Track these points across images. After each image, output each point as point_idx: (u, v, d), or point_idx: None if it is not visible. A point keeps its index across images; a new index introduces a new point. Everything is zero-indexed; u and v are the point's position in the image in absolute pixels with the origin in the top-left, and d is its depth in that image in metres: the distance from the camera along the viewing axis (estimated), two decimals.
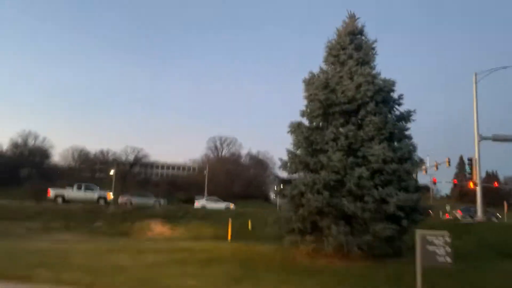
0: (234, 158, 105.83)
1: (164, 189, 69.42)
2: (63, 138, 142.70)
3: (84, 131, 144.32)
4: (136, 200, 36.00)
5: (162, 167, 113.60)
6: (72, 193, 30.60)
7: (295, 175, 13.42)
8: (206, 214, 26.16)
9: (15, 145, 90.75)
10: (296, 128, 13.13)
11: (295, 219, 12.48)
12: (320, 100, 12.51)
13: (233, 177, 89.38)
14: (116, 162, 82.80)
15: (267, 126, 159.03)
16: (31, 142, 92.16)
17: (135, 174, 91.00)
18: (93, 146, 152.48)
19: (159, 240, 19.09)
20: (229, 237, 20.79)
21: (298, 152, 13.09)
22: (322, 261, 11.83)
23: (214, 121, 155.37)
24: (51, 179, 63.38)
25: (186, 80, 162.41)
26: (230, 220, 21.13)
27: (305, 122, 13.63)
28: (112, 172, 69.92)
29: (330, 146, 12.18)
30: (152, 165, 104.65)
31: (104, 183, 76.19)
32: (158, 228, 22.56)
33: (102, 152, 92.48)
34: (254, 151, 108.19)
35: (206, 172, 77.66)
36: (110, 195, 31.60)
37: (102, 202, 29.85)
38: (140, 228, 22.34)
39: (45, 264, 9.94)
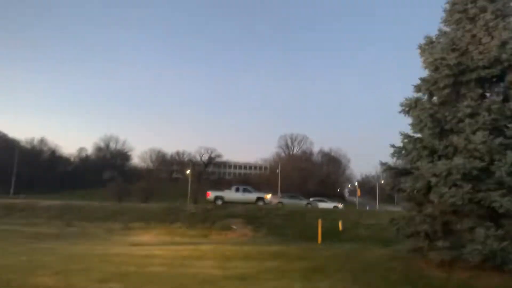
0: (306, 156, 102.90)
1: None
2: (141, 141, 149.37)
3: (161, 134, 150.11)
4: (287, 201, 35.34)
5: (235, 166, 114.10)
6: (231, 194, 30.87)
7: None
8: (289, 214, 23.98)
9: (98, 149, 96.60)
10: (414, 105, 10.38)
11: (419, 219, 9.79)
12: (450, 65, 9.63)
13: (306, 175, 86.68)
14: (192, 163, 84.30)
15: (339, 123, 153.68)
16: (112, 145, 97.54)
17: (209, 174, 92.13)
18: (170, 147, 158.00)
19: (244, 243, 17.24)
20: (319, 240, 18.46)
21: (420, 134, 10.33)
22: (462, 274, 9.01)
23: (284, 119, 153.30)
24: (131, 180, 65.54)
25: (253, 80, 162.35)
26: (320, 221, 18.75)
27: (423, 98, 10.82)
28: (188, 172, 70.89)
29: (467, 124, 9.25)
30: (225, 165, 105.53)
31: (181, 183, 77.77)
32: (240, 229, 20.81)
33: (178, 153, 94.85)
34: (326, 148, 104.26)
35: (278, 170, 75.92)
36: (268, 196, 31.16)
37: (261, 203, 29.24)
38: (221, 229, 20.74)
39: (120, 275, 8.33)
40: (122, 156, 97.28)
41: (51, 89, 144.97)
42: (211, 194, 31.47)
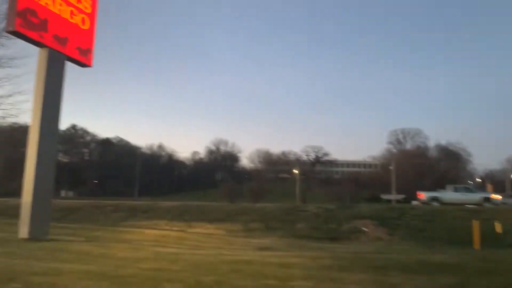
0: (421, 151, 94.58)
1: (348, 188, 65.01)
2: (249, 142, 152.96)
3: (267, 134, 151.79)
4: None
5: (342, 165, 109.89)
6: (449, 195, 28.72)
7: None
8: (427, 214, 20.59)
9: (210, 152, 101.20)
10: None
11: None
12: None
13: (422, 171, 79.41)
14: (299, 162, 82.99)
15: (456, 116, 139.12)
16: (222, 148, 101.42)
17: (317, 173, 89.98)
18: (276, 147, 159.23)
19: (385, 249, 14.69)
20: (476, 245, 15.12)
21: None
22: None
23: (393, 114, 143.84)
24: (241, 181, 66.48)
25: (357, 75, 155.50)
26: (475, 223, 15.36)
27: None
28: (295, 172, 69.72)
29: None
30: (332, 164, 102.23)
31: (288, 183, 76.84)
32: (372, 232, 18.22)
33: (283, 153, 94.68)
34: (443, 142, 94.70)
35: (392, 167, 70.68)
36: (497, 196, 28.45)
37: (487, 204, 26.44)
38: (350, 231, 18.42)
39: None
40: (232, 157, 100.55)
41: (164, 97, 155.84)
42: (425, 195, 28.81)
